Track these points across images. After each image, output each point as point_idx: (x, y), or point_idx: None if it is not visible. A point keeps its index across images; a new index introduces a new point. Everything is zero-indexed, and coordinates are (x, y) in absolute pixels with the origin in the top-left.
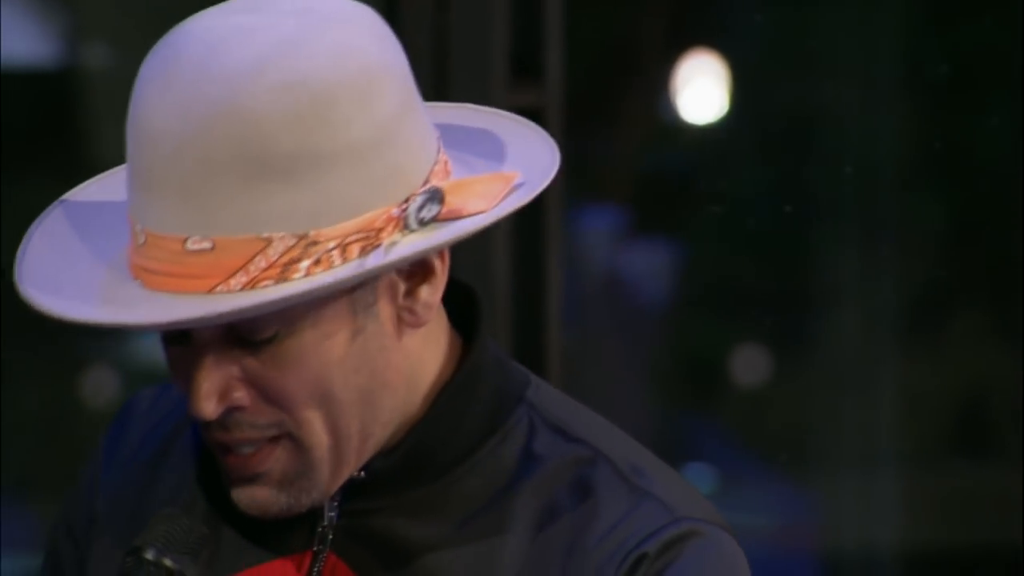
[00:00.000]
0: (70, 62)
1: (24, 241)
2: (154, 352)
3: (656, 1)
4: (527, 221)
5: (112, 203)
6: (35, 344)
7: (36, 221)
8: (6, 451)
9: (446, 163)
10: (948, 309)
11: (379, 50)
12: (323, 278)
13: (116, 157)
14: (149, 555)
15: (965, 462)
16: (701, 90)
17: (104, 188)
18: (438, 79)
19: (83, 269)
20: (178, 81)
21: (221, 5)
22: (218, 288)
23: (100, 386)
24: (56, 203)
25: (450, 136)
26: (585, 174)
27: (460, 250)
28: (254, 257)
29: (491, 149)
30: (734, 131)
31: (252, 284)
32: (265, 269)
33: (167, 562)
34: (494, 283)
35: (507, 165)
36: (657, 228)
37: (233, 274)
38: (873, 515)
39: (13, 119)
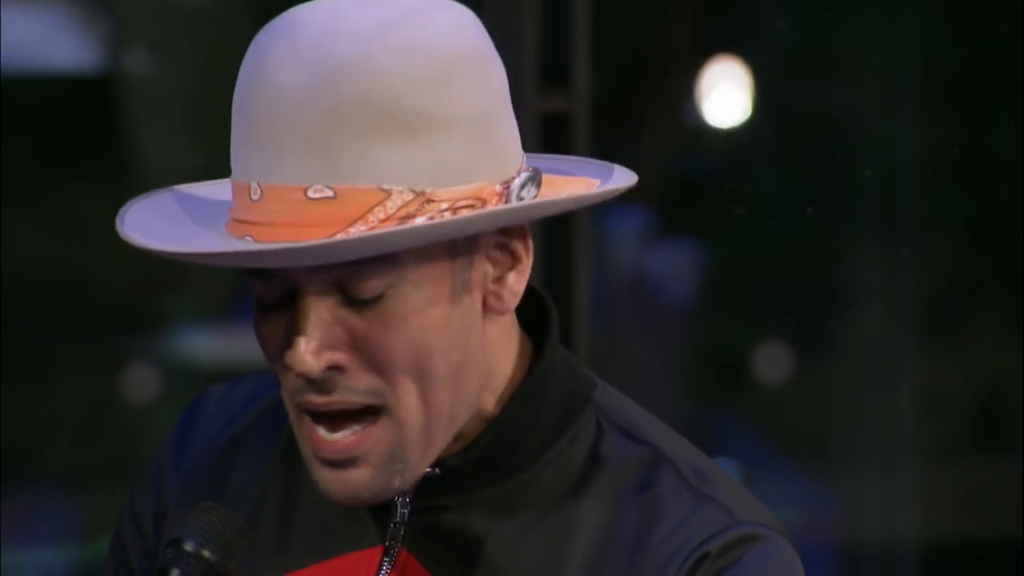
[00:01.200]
0: (112, 68)
1: (123, 208)
2: (193, 349)
3: (681, 8)
4: (556, 223)
5: (213, 202)
6: (78, 341)
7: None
8: (50, 445)
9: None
10: (966, 308)
11: (486, 42)
12: (440, 224)
13: (159, 159)
14: (188, 546)
15: (983, 456)
16: (725, 95)
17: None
18: None
19: (185, 224)
20: (305, 40)
21: None
22: (337, 236)
23: (141, 382)
24: (157, 191)
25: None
26: None
27: None
28: (373, 208)
29: (570, 168)
30: (757, 135)
31: (372, 233)
32: (383, 220)
33: (205, 553)
34: None
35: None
36: (683, 229)
37: (353, 223)
38: (893, 508)
39: (58, 123)
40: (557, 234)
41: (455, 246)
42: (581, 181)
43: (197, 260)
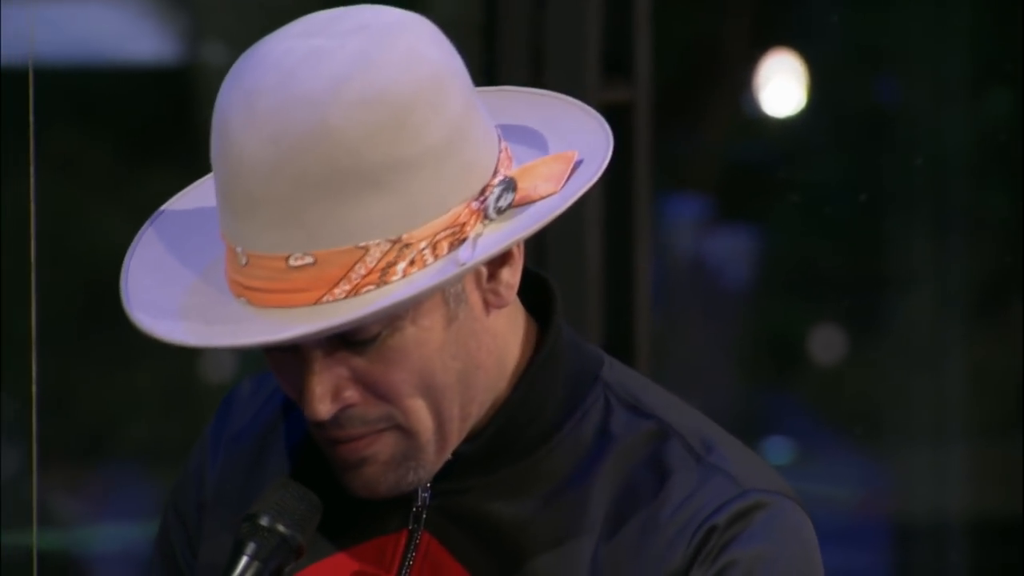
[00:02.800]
0: (190, 61)
1: (124, 268)
2: None
3: (739, 3)
4: (617, 211)
5: (200, 219)
6: None
7: (130, 249)
8: (129, 424)
9: (507, 149)
10: (1013, 291)
11: (440, 54)
12: (423, 279)
13: None
14: (263, 521)
15: None
16: (781, 86)
17: (191, 203)
18: (534, 76)
19: (185, 290)
20: (263, 110)
21: (281, 31)
22: (324, 298)
23: (217, 363)
24: (146, 225)
25: (503, 120)
26: (672, 166)
27: (555, 241)
28: (354, 265)
29: (544, 128)
30: (812, 124)
31: (355, 291)
32: (365, 276)
33: (280, 528)
34: (587, 270)
35: (564, 144)
36: (740, 216)
37: (336, 283)
38: (942, 484)
39: (138, 115)
40: (618, 221)
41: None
42: (558, 159)
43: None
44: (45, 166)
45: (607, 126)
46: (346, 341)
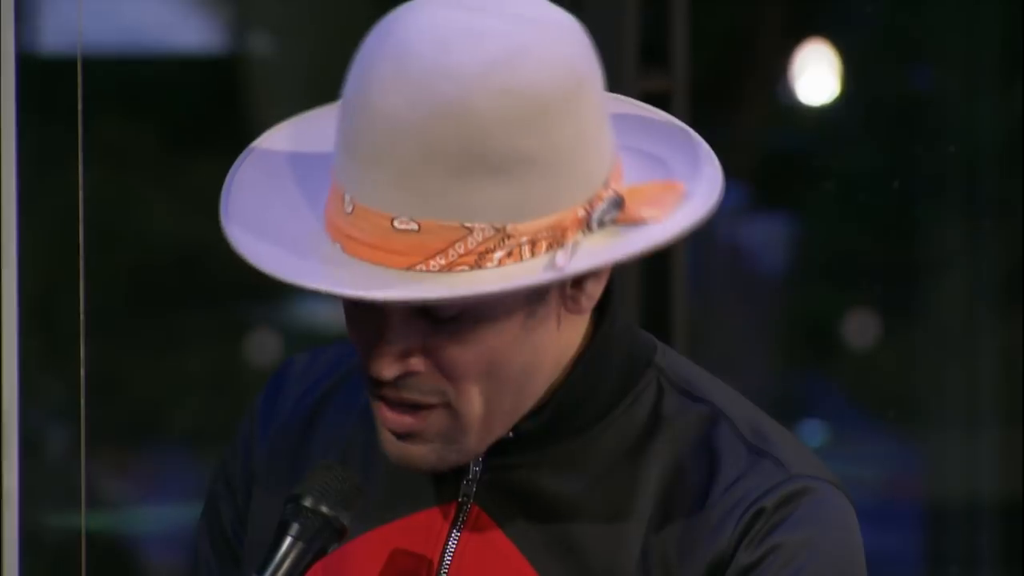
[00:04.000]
0: (236, 50)
1: (226, 183)
2: (313, 315)
3: None
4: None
5: (307, 152)
6: (204, 309)
7: (236, 163)
8: (177, 407)
9: (619, 165)
10: None
11: (586, 60)
12: (516, 274)
13: None
14: (307, 502)
15: None
16: (816, 76)
17: (299, 134)
18: None
19: (287, 212)
20: (411, 71)
21: None
22: (418, 266)
23: (263, 347)
24: (252, 146)
25: (619, 133)
26: None
27: None
28: (455, 243)
29: (657, 146)
30: (847, 113)
31: (449, 267)
32: (463, 255)
33: (324, 509)
34: None
35: (672, 168)
36: (776, 203)
37: (433, 256)
38: (974, 467)
39: (185, 103)
40: None
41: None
42: (666, 188)
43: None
44: (93, 154)
45: (717, 162)
46: (427, 313)
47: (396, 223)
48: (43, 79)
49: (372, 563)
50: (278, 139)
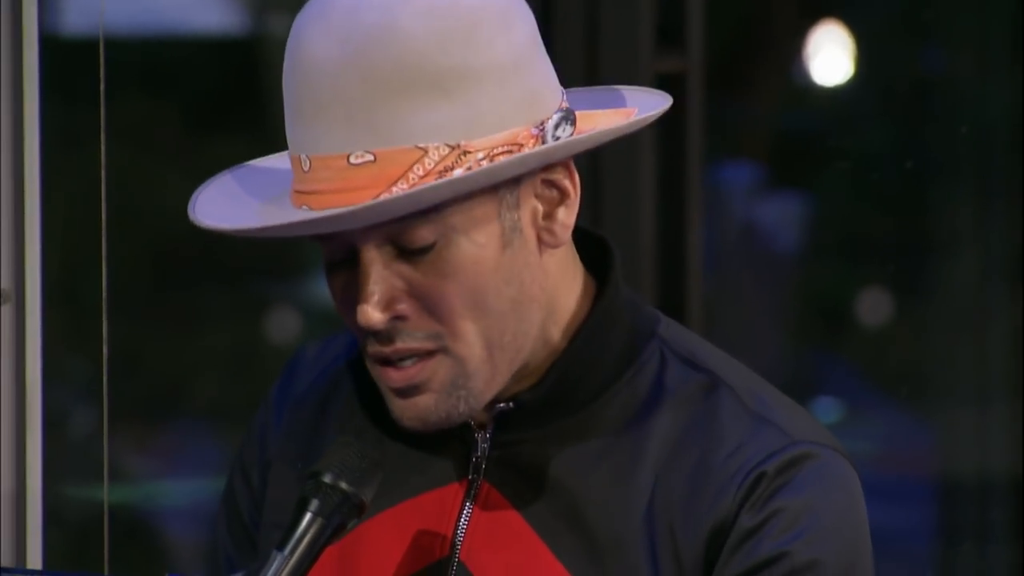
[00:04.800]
0: (257, 31)
1: (194, 195)
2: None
3: None
4: (670, 176)
5: (274, 170)
6: (224, 287)
7: (202, 184)
8: (198, 384)
9: (566, 105)
10: None
11: None
12: (477, 173)
13: None
14: (326, 479)
15: None
16: (830, 57)
17: (266, 162)
18: (589, 49)
19: (249, 206)
20: (334, 15)
21: None
22: (381, 196)
23: (283, 324)
24: (220, 173)
25: (571, 96)
26: (724, 133)
27: (610, 207)
28: (412, 166)
29: (608, 100)
30: (859, 94)
31: (412, 189)
32: (423, 176)
33: (343, 485)
34: (640, 234)
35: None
36: (789, 183)
37: (395, 182)
38: (986, 444)
39: (206, 83)
40: (671, 188)
41: (498, 191)
42: (617, 112)
43: (258, 235)
44: (115, 134)
45: (664, 93)
46: (402, 251)
47: (352, 159)
48: (66, 60)
49: (387, 541)
50: (234, 172)
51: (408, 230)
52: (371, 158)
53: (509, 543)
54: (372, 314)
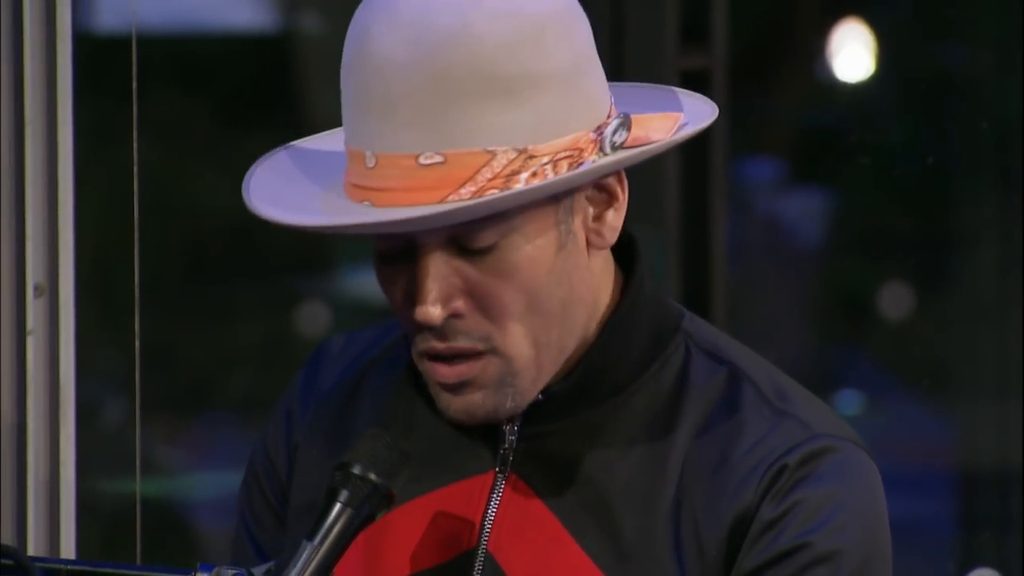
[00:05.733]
0: (288, 27)
1: (248, 173)
2: (361, 288)
3: None
4: (695, 171)
5: (324, 152)
6: (254, 280)
7: (256, 162)
8: (230, 377)
9: (614, 109)
10: None
11: None
12: (542, 183)
13: (329, 113)
14: (356, 470)
15: None
16: (852, 53)
17: (315, 142)
18: (615, 45)
19: (305, 196)
20: (406, 12)
21: None
22: (449, 197)
23: (313, 318)
24: (273, 151)
25: (616, 95)
26: (748, 129)
27: (636, 201)
28: (480, 169)
29: (653, 101)
30: (882, 90)
31: (480, 193)
32: (490, 180)
33: (372, 476)
34: (666, 228)
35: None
36: (812, 177)
37: (463, 184)
38: (1006, 436)
39: (238, 79)
40: (696, 183)
41: (558, 195)
42: (668, 117)
43: (323, 232)
44: (147, 129)
45: (711, 101)
46: (463, 249)
47: (421, 159)
48: (99, 57)
49: (414, 531)
50: (288, 151)
51: (472, 231)
52: (440, 160)
53: (536, 534)
54: (431, 311)
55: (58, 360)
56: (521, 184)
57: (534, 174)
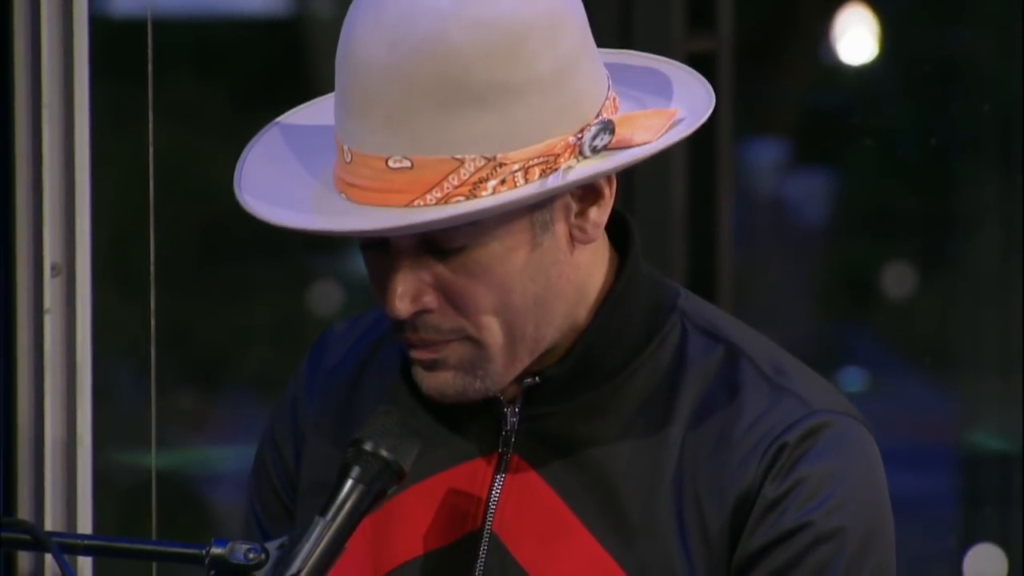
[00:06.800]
0: (299, 13)
1: (241, 158)
2: None
3: None
4: (701, 153)
5: (320, 126)
6: (268, 260)
7: (252, 141)
8: (245, 355)
9: (615, 99)
10: None
11: None
12: (508, 195)
13: None
14: (367, 447)
15: None
16: (856, 37)
17: (313, 113)
18: (623, 29)
19: (295, 182)
20: (387, 17)
21: None
22: (415, 202)
23: (326, 296)
24: (270, 125)
25: (619, 75)
26: (753, 112)
27: (642, 183)
28: (448, 175)
29: (655, 87)
30: (885, 73)
31: (445, 199)
32: (457, 187)
33: (383, 453)
34: (672, 209)
35: (670, 102)
36: (817, 159)
37: (429, 190)
38: (1007, 414)
39: (253, 63)
40: (702, 164)
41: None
42: (659, 115)
43: (308, 233)
44: (163, 112)
45: (711, 88)
46: (433, 248)
47: (390, 163)
48: (115, 41)
49: (419, 513)
50: (281, 128)
51: (443, 233)
52: (408, 164)
53: (539, 514)
54: (399, 307)
55: (75, 339)
56: (488, 192)
57: (503, 181)
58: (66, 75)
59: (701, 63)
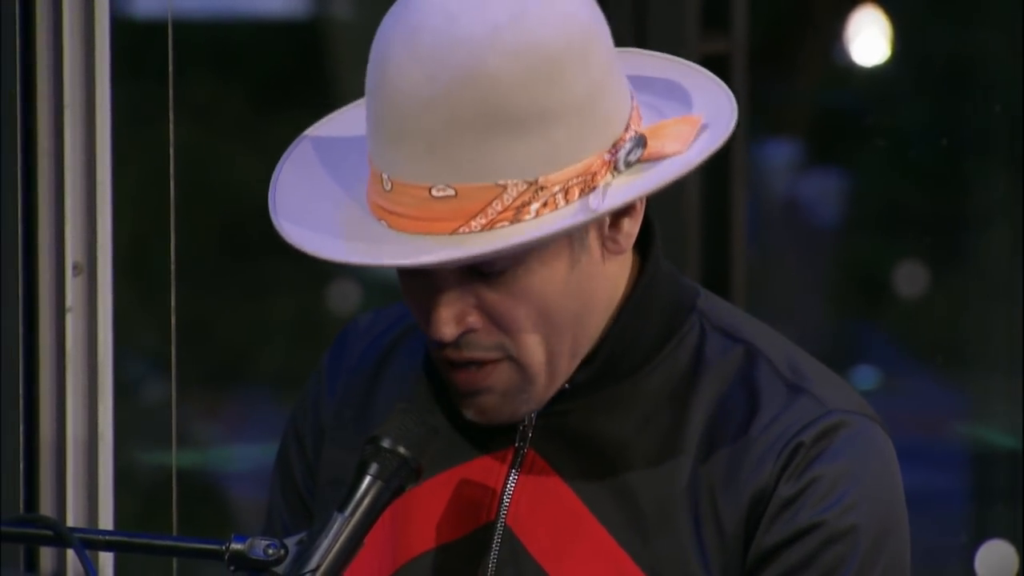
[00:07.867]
0: (318, 14)
1: (273, 179)
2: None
3: None
4: (715, 155)
5: (350, 139)
6: (287, 258)
7: (284, 155)
8: (263, 352)
9: (638, 108)
10: None
11: (591, 15)
12: (555, 221)
13: (357, 95)
14: (385, 443)
15: None
16: (869, 38)
17: (342, 125)
18: (638, 30)
19: (330, 203)
20: (425, 48)
21: None
22: (460, 229)
23: (344, 295)
24: (300, 138)
25: (637, 82)
26: (767, 112)
27: None
28: (492, 201)
29: (670, 91)
30: (898, 74)
31: (490, 225)
32: (501, 212)
33: (401, 450)
34: (686, 208)
35: (691, 109)
36: (830, 159)
37: (473, 217)
38: (1018, 412)
39: (271, 64)
40: (716, 164)
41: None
42: (686, 122)
43: (347, 265)
44: (183, 112)
45: (731, 93)
46: (477, 272)
47: (433, 192)
48: (136, 41)
49: (435, 506)
50: (312, 141)
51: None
52: (452, 193)
53: (554, 509)
54: (444, 329)
55: (96, 337)
56: (531, 215)
57: (545, 204)
58: (87, 76)
59: (715, 64)
